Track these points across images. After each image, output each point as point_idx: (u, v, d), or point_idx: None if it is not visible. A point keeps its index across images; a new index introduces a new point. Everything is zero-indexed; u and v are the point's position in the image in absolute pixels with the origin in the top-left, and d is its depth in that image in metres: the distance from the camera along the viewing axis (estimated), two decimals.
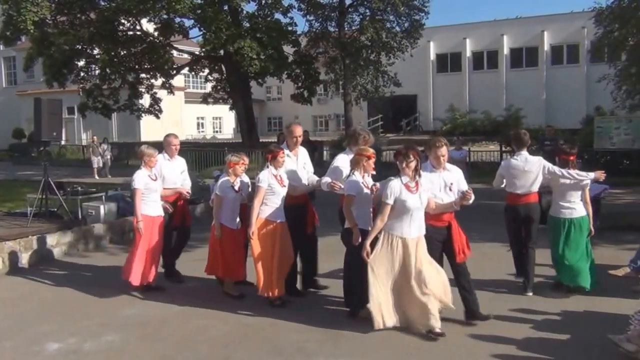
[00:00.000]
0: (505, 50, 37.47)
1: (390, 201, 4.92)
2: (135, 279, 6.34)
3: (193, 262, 7.96)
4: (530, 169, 6.07)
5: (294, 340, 5.04)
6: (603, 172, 6.15)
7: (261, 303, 6.05)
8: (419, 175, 5.02)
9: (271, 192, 5.80)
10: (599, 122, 16.40)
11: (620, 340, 4.50)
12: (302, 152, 6.34)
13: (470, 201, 5.10)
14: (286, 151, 6.07)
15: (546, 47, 36.40)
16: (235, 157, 6.36)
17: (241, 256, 6.38)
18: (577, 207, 6.05)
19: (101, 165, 21.41)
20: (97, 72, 24.11)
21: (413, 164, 4.94)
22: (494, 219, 8.35)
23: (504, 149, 17.70)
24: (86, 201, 10.00)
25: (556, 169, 6.01)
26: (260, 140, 24.75)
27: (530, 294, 6.04)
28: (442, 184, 5.24)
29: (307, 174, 6.27)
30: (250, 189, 6.32)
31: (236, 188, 6.25)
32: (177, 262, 7.32)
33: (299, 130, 6.26)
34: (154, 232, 6.55)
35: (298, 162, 6.26)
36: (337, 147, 19.07)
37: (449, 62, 39.34)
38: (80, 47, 22.60)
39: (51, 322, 5.65)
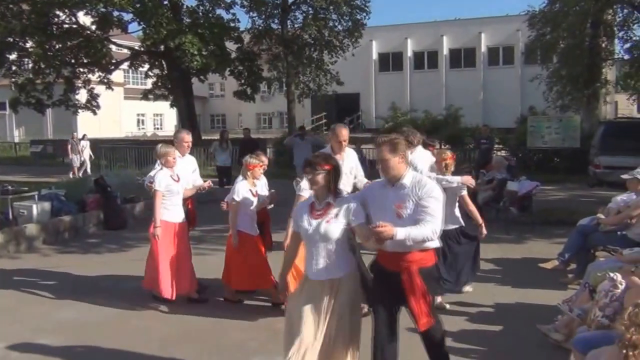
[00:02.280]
0: (445, 51, 38.54)
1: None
2: (166, 291, 5.71)
3: (131, 262, 7.77)
4: None
5: (236, 339, 5.01)
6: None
7: (203, 303, 5.99)
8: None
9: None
10: (532, 121, 17.10)
11: (549, 330, 4.74)
12: (349, 156, 5.55)
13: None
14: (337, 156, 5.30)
15: (483, 48, 37.71)
16: (254, 160, 5.78)
17: (266, 262, 5.90)
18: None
19: (79, 163, 19.89)
20: (30, 65, 23.03)
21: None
22: None
23: (443, 147, 18.18)
24: (17, 200, 9.55)
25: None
26: (203, 137, 24.34)
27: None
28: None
29: (353, 179, 5.52)
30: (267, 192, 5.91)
31: (254, 192, 5.74)
32: (115, 263, 7.12)
33: (344, 134, 5.47)
34: (176, 240, 5.88)
35: (344, 167, 5.17)
36: (280, 144, 19.03)
37: (390, 62, 40.06)
38: (12, 40, 21.54)
39: None
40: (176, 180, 5.91)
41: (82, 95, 24.53)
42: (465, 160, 15.91)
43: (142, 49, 24.28)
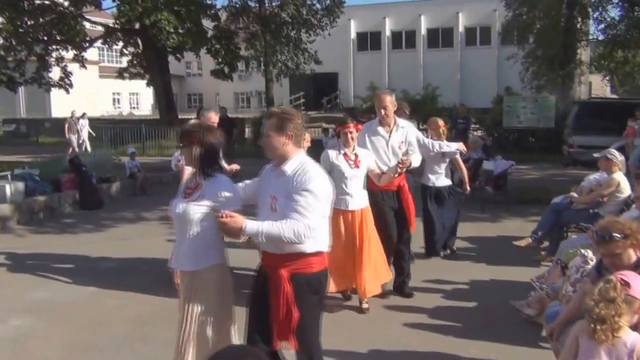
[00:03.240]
0: (423, 31, 38.47)
1: None
2: None
3: (107, 242, 7.72)
4: None
5: None
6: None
7: None
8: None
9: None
10: (508, 101, 17.23)
11: (522, 306, 4.84)
12: (402, 129, 5.35)
13: None
14: (379, 128, 5.30)
15: (461, 28, 37.73)
16: None
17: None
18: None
19: (78, 142, 19.19)
20: (0, 42, 22.36)
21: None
22: None
23: (421, 127, 18.24)
24: None
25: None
26: (180, 117, 24.04)
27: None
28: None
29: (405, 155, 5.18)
30: None
31: None
32: (90, 243, 7.04)
33: (383, 100, 5.21)
34: None
35: (391, 141, 5.33)
36: (259, 124, 18.89)
37: (369, 41, 39.87)
38: None
39: None
40: None
41: (55, 73, 23.95)
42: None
43: (116, 26, 23.74)
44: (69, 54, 23.66)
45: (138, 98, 46.24)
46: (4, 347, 4.49)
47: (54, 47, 22.88)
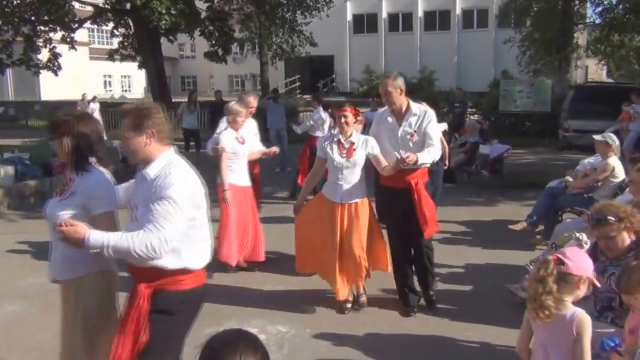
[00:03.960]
0: (420, 13, 38.16)
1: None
2: (231, 257, 5.46)
3: None
4: None
5: (207, 303, 4.95)
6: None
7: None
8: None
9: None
10: (504, 85, 17.16)
11: (516, 289, 4.84)
12: (414, 115, 4.56)
13: None
14: (388, 117, 4.64)
15: (458, 11, 37.44)
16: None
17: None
18: None
19: None
20: None
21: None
22: None
23: None
24: None
25: None
26: (174, 100, 23.83)
27: None
28: None
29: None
30: None
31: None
32: None
33: (385, 84, 4.52)
34: (243, 205, 5.55)
35: (400, 131, 4.59)
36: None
37: (365, 23, 39.54)
38: None
39: None
40: (241, 143, 5.57)
41: (44, 55, 23.62)
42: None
43: (107, 6, 23.36)
44: (58, 35, 23.30)
45: (130, 80, 45.82)
46: None
47: (42, 27, 22.51)
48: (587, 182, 6.35)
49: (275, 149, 6.16)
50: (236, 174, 5.50)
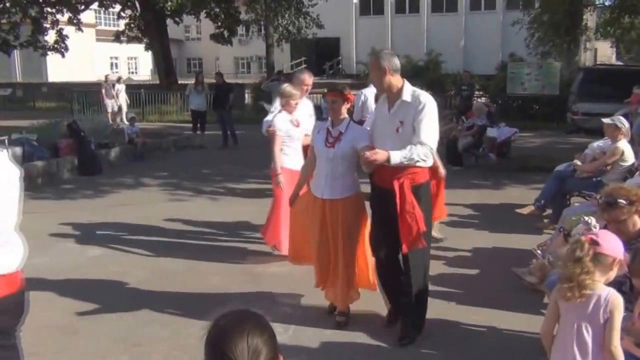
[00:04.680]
0: None
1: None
2: (280, 243, 5.29)
3: (107, 208, 7.69)
4: None
5: (214, 283, 5.00)
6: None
7: (180, 247, 5.95)
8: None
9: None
10: (512, 67, 16.99)
11: (523, 273, 4.82)
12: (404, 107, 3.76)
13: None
14: (382, 103, 3.97)
15: None
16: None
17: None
18: None
19: (116, 109, 17.90)
20: None
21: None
22: None
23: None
24: None
25: None
26: (179, 82, 23.75)
27: None
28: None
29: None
30: None
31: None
32: (90, 209, 7.00)
33: (370, 63, 4.01)
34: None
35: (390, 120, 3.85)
36: (259, 89, 18.66)
37: (371, 5, 39.15)
38: None
39: None
40: (296, 125, 5.37)
41: (51, 37, 23.56)
42: (446, 106, 15.82)
43: None
44: (65, 16, 23.21)
45: (136, 62, 45.70)
46: None
47: (49, 9, 22.42)
48: (596, 166, 6.30)
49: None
50: (290, 158, 5.31)
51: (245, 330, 1.39)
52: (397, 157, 3.56)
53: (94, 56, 39.71)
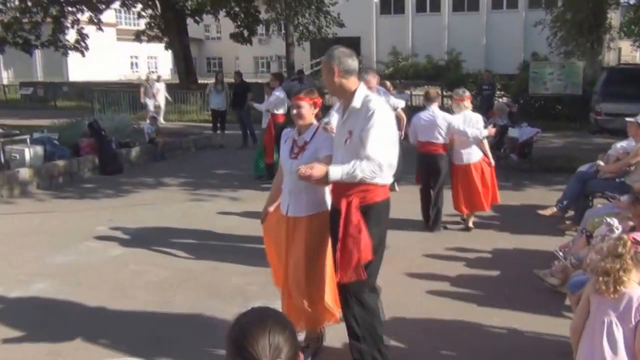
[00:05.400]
0: None
1: None
2: None
3: (127, 208, 7.76)
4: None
5: (235, 283, 5.02)
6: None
7: (201, 247, 5.98)
8: None
9: None
10: (534, 67, 16.75)
11: (545, 275, 4.76)
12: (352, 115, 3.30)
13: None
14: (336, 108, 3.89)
15: None
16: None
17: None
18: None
19: (152, 108, 17.47)
20: (16, 3, 22.26)
21: None
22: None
23: (445, 93, 17.92)
24: (9, 144, 9.34)
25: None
26: (199, 81, 23.91)
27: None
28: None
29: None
30: None
31: None
32: (111, 208, 7.06)
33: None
34: None
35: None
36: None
37: (392, 4, 38.97)
38: None
39: None
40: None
41: (72, 36, 23.88)
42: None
43: None
44: (85, 16, 23.49)
45: (156, 62, 46.13)
46: (28, 310, 4.55)
47: (70, 8, 22.71)
48: (619, 167, 6.18)
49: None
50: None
51: (266, 327, 1.40)
52: (336, 172, 3.10)
53: (115, 55, 40.16)
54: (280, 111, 9.28)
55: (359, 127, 3.18)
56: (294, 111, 3.57)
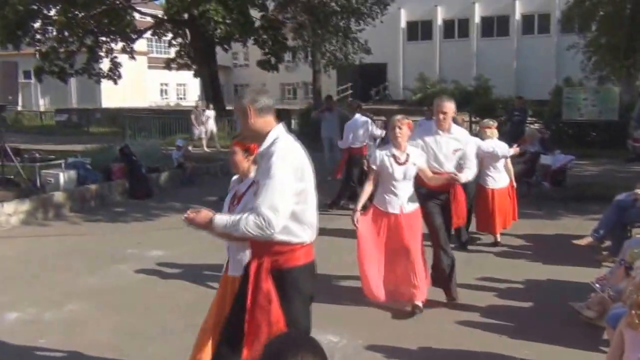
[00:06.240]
0: (477, 19, 37.40)
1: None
2: (368, 289, 4.87)
3: (156, 232, 7.82)
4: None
5: None
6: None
7: None
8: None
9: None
10: (568, 92, 16.45)
11: (581, 308, 4.59)
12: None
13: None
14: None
15: (517, 16, 36.45)
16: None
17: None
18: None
19: (205, 135, 18.07)
20: (53, 34, 23.08)
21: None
22: None
23: (473, 119, 17.76)
24: (45, 168, 9.63)
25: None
26: (227, 108, 24.25)
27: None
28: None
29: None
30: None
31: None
32: (140, 231, 7.10)
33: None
34: None
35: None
36: (307, 115, 18.81)
37: (419, 30, 39.12)
38: (35, 8, 21.57)
39: (10, 292, 5.45)
40: (399, 162, 5.13)
41: (105, 64, 24.61)
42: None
43: (165, 17, 24.14)
44: (119, 45, 24.20)
45: (185, 89, 47.04)
46: (59, 330, 4.60)
47: (104, 38, 23.44)
48: None
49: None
50: (384, 197, 5.23)
51: (299, 351, 1.43)
52: (222, 221, 2.75)
53: (146, 83, 41.15)
54: (357, 144, 9.49)
55: (260, 173, 2.79)
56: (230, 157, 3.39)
